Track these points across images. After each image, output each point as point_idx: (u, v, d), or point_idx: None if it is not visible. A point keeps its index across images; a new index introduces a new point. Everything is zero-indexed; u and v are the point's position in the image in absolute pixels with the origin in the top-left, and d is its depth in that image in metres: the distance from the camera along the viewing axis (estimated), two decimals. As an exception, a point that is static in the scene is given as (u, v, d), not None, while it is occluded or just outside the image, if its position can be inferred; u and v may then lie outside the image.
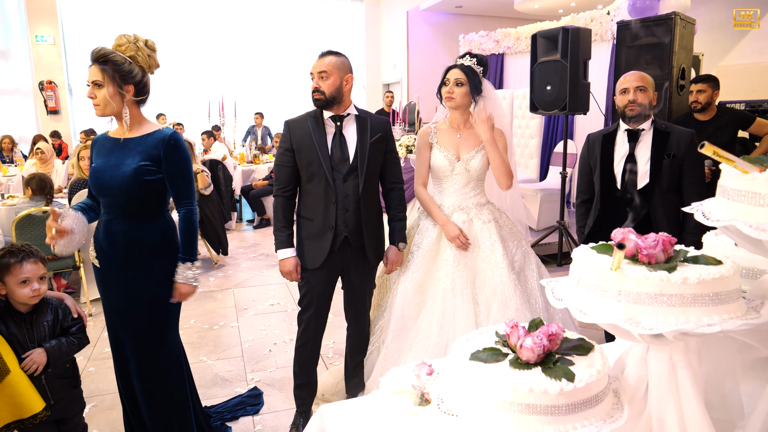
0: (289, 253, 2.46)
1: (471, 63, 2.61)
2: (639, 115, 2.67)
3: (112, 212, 2.14)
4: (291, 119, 2.50)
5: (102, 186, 2.11)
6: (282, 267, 2.48)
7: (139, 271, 2.14)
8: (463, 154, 2.63)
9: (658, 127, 2.70)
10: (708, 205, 1.00)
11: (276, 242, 2.48)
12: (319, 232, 2.43)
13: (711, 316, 0.93)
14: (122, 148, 2.12)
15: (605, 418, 0.99)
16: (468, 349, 1.10)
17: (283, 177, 2.47)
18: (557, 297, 1.08)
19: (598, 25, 6.40)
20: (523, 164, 6.65)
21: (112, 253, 2.14)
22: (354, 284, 2.57)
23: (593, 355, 1.04)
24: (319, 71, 2.36)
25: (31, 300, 1.96)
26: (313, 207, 2.44)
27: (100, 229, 2.18)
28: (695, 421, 0.99)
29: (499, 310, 2.47)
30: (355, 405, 1.41)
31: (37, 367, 1.91)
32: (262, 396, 3.03)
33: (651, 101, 2.69)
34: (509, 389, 0.95)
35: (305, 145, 2.40)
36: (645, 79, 2.69)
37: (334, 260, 2.46)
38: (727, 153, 0.90)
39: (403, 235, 2.60)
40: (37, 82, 10.18)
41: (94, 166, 2.15)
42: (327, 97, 2.36)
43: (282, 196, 2.48)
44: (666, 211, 2.66)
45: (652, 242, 1.02)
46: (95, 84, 2.04)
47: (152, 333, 2.21)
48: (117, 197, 2.10)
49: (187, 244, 2.20)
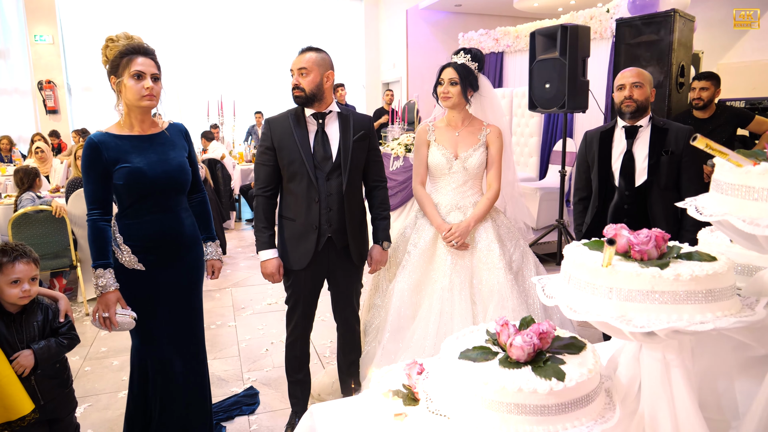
0: (271, 254, 2.41)
1: (465, 60, 2.58)
2: (635, 112, 2.64)
3: (156, 209, 2.10)
4: (272, 117, 2.45)
5: (154, 184, 2.05)
6: (264, 269, 2.43)
7: (190, 261, 2.24)
8: (461, 152, 2.61)
9: (656, 124, 2.68)
10: (702, 200, 0.98)
11: (257, 243, 2.42)
12: (303, 233, 2.39)
13: (704, 313, 0.91)
14: (154, 144, 2.10)
15: (596, 418, 0.97)
16: (458, 347, 1.08)
17: (263, 176, 2.41)
18: (548, 294, 1.06)
19: (598, 23, 6.38)
20: (522, 163, 6.62)
21: (172, 250, 2.15)
22: (340, 285, 2.54)
23: (585, 353, 1.03)
24: (298, 68, 2.32)
25: (20, 300, 1.92)
26: (295, 207, 2.39)
27: (144, 231, 2.09)
28: (689, 421, 0.97)
29: (496, 310, 2.45)
30: (345, 404, 1.39)
31: (24, 370, 1.88)
32: (258, 396, 3.01)
33: (648, 97, 2.66)
34: (498, 389, 0.93)
35: (287, 144, 2.35)
36: (642, 75, 2.66)
37: (318, 261, 2.43)
38: (721, 146, 0.88)
39: (387, 234, 2.58)
40: (35, 81, 10.16)
41: (134, 166, 2.02)
42: (307, 93, 2.31)
43: (263, 196, 2.42)
44: (664, 208, 2.63)
45: (645, 238, 1.00)
46: (154, 77, 2.04)
47: (199, 318, 2.35)
48: (170, 192, 2.12)
49: (211, 226, 2.41)
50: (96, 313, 2.02)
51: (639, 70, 2.69)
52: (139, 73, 1.99)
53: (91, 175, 2.02)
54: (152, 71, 2.02)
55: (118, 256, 2.09)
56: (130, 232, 2.09)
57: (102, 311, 2.01)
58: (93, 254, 2.03)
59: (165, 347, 2.21)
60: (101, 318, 2.02)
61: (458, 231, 2.52)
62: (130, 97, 2.01)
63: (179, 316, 2.23)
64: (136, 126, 2.09)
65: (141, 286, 2.12)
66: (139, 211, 2.09)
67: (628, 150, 2.67)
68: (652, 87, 2.69)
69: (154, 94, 2.02)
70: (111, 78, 2.04)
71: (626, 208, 2.68)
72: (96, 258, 2.02)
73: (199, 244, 2.31)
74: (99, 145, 2.01)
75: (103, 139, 2.03)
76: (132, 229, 2.09)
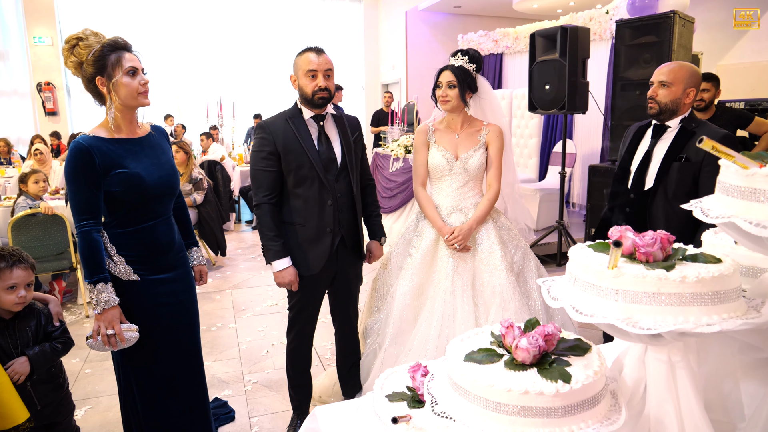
0: (286, 263, 2.33)
1: (462, 62, 2.56)
2: (658, 114, 2.39)
3: (149, 216, 2.00)
4: (267, 121, 2.38)
5: (152, 189, 1.96)
6: (280, 279, 2.35)
7: (184, 268, 2.18)
8: (462, 153, 2.60)
9: (686, 126, 2.37)
10: (707, 202, 0.98)
11: (269, 254, 2.33)
12: (315, 236, 2.36)
13: (710, 315, 0.91)
14: (145, 147, 2.00)
15: (602, 420, 0.96)
16: (463, 349, 1.08)
17: (267, 183, 2.32)
18: (553, 296, 1.06)
19: (597, 24, 6.39)
20: (522, 164, 6.62)
21: (166, 257, 2.07)
22: (345, 284, 2.55)
23: (590, 355, 1.02)
24: (326, 69, 2.28)
25: (14, 307, 1.89)
26: (305, 211, 2.35)
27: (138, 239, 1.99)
28: (694, 423, 0.97)
29: (498, 312, 2.44)
30: (349, 407, 1.39)
31: (19, 377, 1.85)
32: (228, 404, 2.92)
33: (678, 99, 2.35)
34: (504, 391, 0.92)
35: (292, 148, 2.30)
36: (675, 74, 2.35)
37: (331, 263, 2.43)
38: (727, 148, 0.88)
39: (383, 230, 2.65)
40: (35, 83, 10.16)
41: (132, 171, 1.91)
42: (330, 95, 2.32)
43: (268, 204, 2.33)
44: (665, 219, 2.37)
45: (650, 240, 0.99)
46: (143, 72, 1.96)
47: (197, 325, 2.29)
48: (164, 198, 2.04)
49: (192, 231, 2.34)
50: (96, 332, 1.87)
51: (676, 67, 2.39)
52: (133, 69, 1.89)
53: (82, 183, 1.85)
54: (142, 66, 1.93)
55: (110, 268, 1.94)
56: (123, 242, 1.96)
57: (106, 328, 1.86)
58: (90, 268, 1.86)
59: (163, 357, 2.10)
60: (104, 336, 1.86)
61: (461, 234, 2.51)
62: (126, 95, 1.90)
63: (177, 324, 2.13)
64: (124, 128, 1.97)
65: (137, 298, 1.99)
66: (133, 219, 1.97)
67: (648, 150, 2.46)
68: (692, 87, 2.36)
69: (148, 90, 1.93)
70: (97, 80, 1.88)
71: (628, 212, 2.52)
72: (93, 272, 1.86)
73: (184, 250, 2.23)
74: (91, 150, 1.85)
75: (94, 143, 1.87)
76: (124, 238, 1.97)
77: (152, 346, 2.06)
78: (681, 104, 2.37)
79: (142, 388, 2.09)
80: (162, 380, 2.12)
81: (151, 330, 2.03)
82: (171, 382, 2.14)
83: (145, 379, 2.09)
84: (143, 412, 2.11)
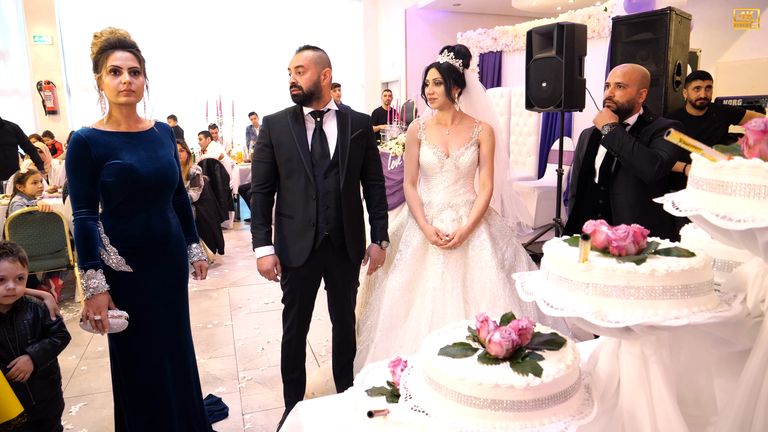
0: (267, 251, 2.42)
1: (449, 58, 2.56)
2: (616, 113, 2.59)
3: (143, 208, 2.05)
4: (270, 115, 2.46)
5: (145, 181, 2.00)
6: (260, 265, 2.44)
7: (177, 262, 2.21)
8: (453, 151, 2.60)
9: (644, 118, 2.60)
10: (678, 195, 0.98)
11: (254, 240, 2.43)
12: (300, 230, 2.40)
13: (680, 308, 0.91)
14: (143, 141, 2.05)
15: (574, 413, 0.96)
16: (439, 344, 1.08)
17: (261, 173, 2.42)
18: (527, 290, 1.06)
19: (596, 21, 6.37)
20: (521, 162, 6.63)
21: (159, 250, 2.11)
22: (337, 284, 2.54)
23: (564, 350, 1.02)
24: (295, 66, 2.33)
25: (4, 299, 1.92)
26: (293, 204, 2.40)
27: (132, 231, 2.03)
28: (666, 417, 0.97)
29: (488, 309, 2.45)
30: (330, 402, 1.40)
31: (24, 375, 1.89)
32: (222, 401, 2.94)
33: (633, 99, 2.58)
34: (475, 384, 0.92)
35: (285, 141, 2.37)
36: (629, 75, 2.57)
37: (316, 259, 2.43)
38: (694, 141, 0.88)
39: (385, 233, 2.58)
40: (35, 82, 10.19)
41: (125, 163, 1.96)
42: (304, 91, 2.33)
43: (260, 193, 2.43)
44: (626, 194, 2.60)
45: (623, 234, 0.99)
46: (134, 70, 1.96)
47: (187, 319, 2.32)
48: (159, 191, 2.08)
49: (194, 227, 2.40)
50: (86, 316, 1.95)
51: (629, 69, 2.60)
52: (115, 68, 1.93)
53: (79, 172, 1.94)
54: (130, 65, 1.95)
55: (104, 258, 2.00)
56: (117, 233, 2.02)
57: (93, 314, 1.94)
58: (82, 255, 1.94)
59: (153, 349, 2.14)
60: (92, 321, 1.94)
61: (459, 238, 2.53)
62: (108, 93, 1.97)
63: (167, 317, 2.18)
64: (122, 122, 2.04)
65: (129, 288, 2.05)
66: (127, 210, 2.03)
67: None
68: (644, 87, 2.59)
69: (133, 89, 1.95)
70: (95, 75, 1.99)
71: (601, 203, 2.69)
72: (85, 258, 1.94)
73: (184, 246, 2.28)
74: (87, 141, 1.93)
75: (91, 134, 1.96)
76: (119, 229, 2.03)
77: (141, 339, 2.10)
78: (635, 103, 2.60)
79: (131, 382, 2.12)
80: (151, 374, 2.14)
81: (141, 322, 2.08)
82: (161, 376, 2.16)
83: (133, 372, 2.12)
84: (131, 405, 2.13)
